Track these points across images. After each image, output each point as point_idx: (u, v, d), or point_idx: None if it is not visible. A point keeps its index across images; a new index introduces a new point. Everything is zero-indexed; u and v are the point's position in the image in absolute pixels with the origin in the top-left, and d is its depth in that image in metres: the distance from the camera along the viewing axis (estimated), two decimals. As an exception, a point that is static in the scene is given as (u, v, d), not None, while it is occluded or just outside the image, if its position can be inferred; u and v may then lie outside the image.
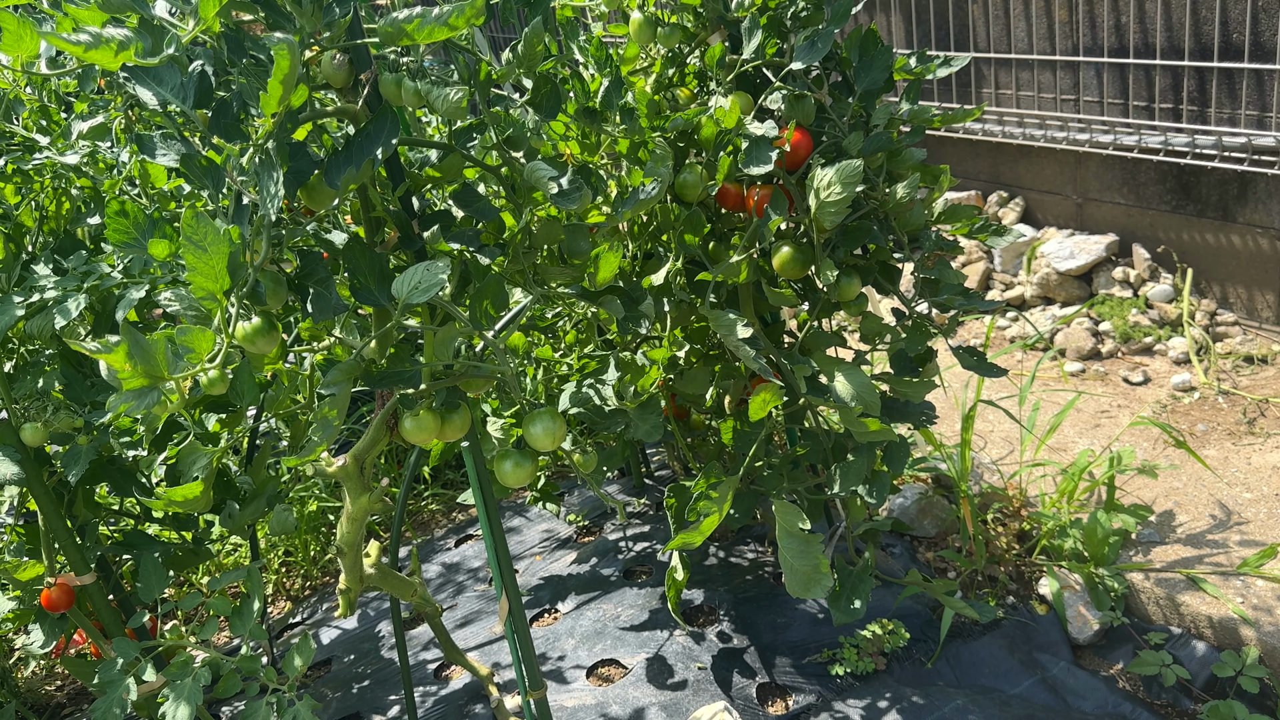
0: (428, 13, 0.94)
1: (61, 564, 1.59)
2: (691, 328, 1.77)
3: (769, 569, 2.18)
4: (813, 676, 1.86)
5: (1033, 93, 3.27)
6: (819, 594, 1.44)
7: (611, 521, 2.53)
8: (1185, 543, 2.08)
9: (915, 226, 1.55)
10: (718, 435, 2.01)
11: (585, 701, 1.82)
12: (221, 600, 1.47)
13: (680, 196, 1.51)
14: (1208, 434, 2.48)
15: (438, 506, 2.90)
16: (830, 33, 1.41)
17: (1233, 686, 1.76)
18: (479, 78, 1.17)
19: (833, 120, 1.49)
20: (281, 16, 0.98)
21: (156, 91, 0.96)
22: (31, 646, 1.60)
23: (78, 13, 0.91)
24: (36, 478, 1.49)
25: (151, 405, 0.88)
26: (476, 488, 1.37)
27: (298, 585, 2.63)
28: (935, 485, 2.43)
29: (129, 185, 1.60)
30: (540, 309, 1.84)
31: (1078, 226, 3.37)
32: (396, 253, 1.19)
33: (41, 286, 1.34)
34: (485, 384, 1.19)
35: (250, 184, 0.94)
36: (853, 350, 1.73)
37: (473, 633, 2.17)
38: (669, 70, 1.60)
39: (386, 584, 1.45)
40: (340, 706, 2.01)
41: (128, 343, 0.84)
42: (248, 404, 1.46)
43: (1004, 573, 2.11)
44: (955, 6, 3.39)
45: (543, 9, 1.24)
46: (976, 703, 1.73)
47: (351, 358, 1.06)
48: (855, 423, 1.41)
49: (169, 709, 1.36)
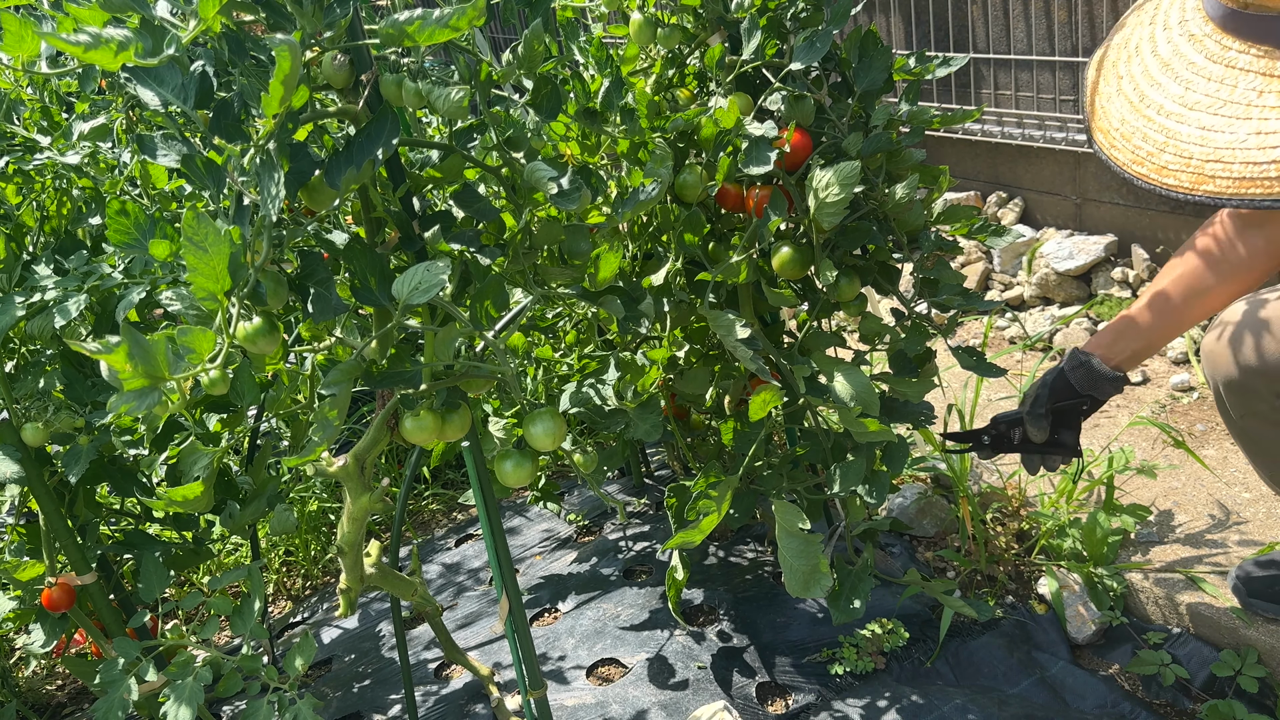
0: (429, 14, 0.94)
1: (62, 564, 1.59)
2: (691, 328, 1.77)
3: (769, 568, 2.19)
4: (812, 676, 1.86)
5: (1032, 93, 3.27)
6: (818, 593, 1.44)
7: (611, 521, 2.54)
8: (1184, 542, 2.08)
9: (914, 227, 1.55)
10: (718, 435, 2.01)
11: (585, 701, 1.83)
12: (222, 600, 1.47)
13: (680, 197, 1.51)
14: (1207, 434, 2.48)
15: (438, 506, 2.90)
16: (829, 33, 1.41)
17: (1232, 686, 1.76)
18: (480, 78, 1.17)
19: (832, 121, 1.49)
20: (282, 17, 0.99)
21: (157, 92, 0.97)
22: (32, 646, 1.60)
23: (78, 12, 0.91)
24: (37, 477, 1.49)
25: (152, 405, 0.88)
26: (477, 487, 1.37)
27: (298, 585, 2.64)
28: (934, 485, 2.43)
29: (130, 185, 1.60)
30: (540, 309, 1.85)
31: (1077, 227, 3.37)
32: (397, 253, 1.19)
33: (42, 287, 1.35)
34: (486, 384, 1.19)
35: (251, 184, 0.94)
36: (852, 350, 1.73)
37: (473, 632, 2.17)
38: (669, 71, 1.60)
39: (387, 583, 1.45)
40: (341, 705, 2.02)
41: (128, 343, 0.84)
42: (248, 404, 1.46)
43: (1003, 572, 2.12)
44: (954, 7, 3.40)
45: (543, 10, 1.25)
46: (975, 702, 1.74)
47: (352, 358, 1.06)
48: (854, 423, 1.42)
49: (170, 708, 1.36)
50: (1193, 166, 1.03)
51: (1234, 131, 1.00)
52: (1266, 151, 0.97)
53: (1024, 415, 1.64)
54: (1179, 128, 1.06)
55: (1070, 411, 1.63)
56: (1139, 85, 1.14)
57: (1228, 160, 1.00)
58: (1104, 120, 1.17)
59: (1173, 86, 1.08)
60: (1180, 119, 1.06)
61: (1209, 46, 1.06)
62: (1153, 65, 1.13)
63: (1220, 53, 1.04)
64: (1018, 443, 1.68)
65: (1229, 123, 1.01)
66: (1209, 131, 1.02)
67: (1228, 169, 1.00)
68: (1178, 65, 1.09)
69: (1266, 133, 0.98)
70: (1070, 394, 1.60)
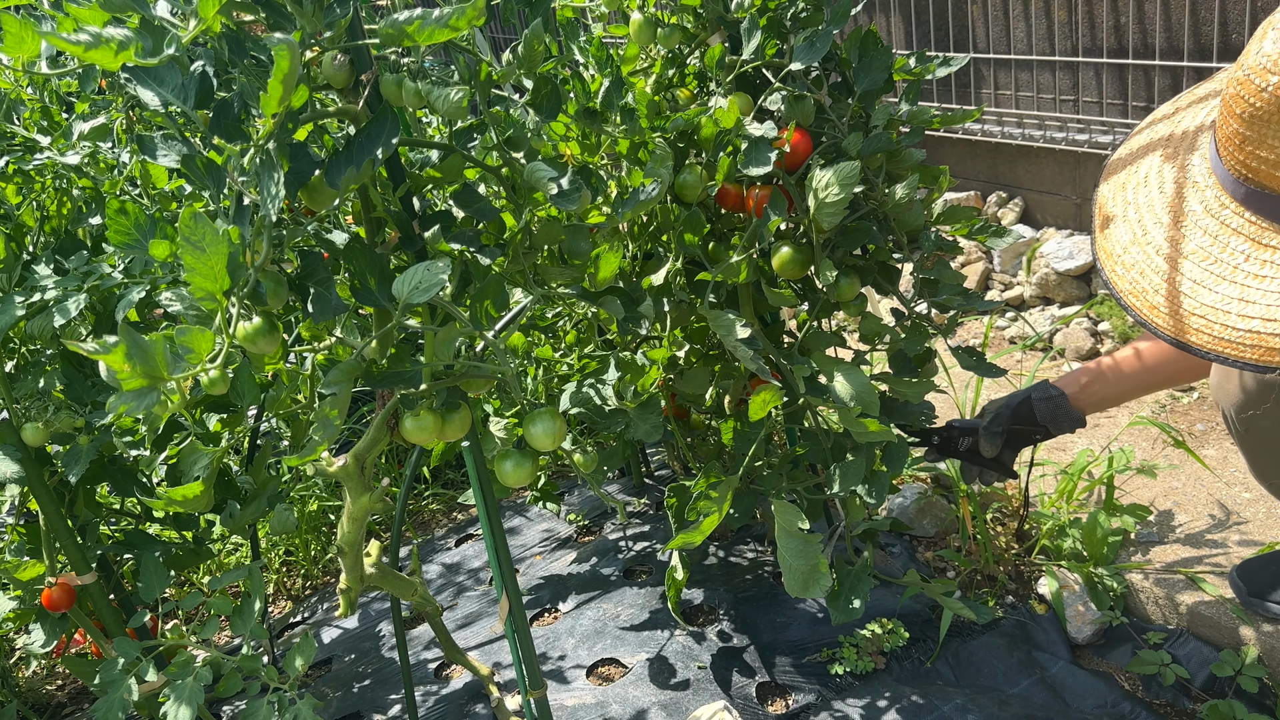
0: (429, 14, 0.94)
1: (62, 564, 1.59)
2: (691, 328, 1.77)
3: (769, 568, 2.19)
4: (812, 676, 1.86)
5: (1032, 93, 3.27)
6: (817, 593, 1.44)
7: (611, 521, 2.54)
8: (1184, 542, 2.08)
9: (914, 227, 1.55)
10: (718, 435, 2.01)
11: (585, 701, 1.83)
12: (222, 600, 1.47)
13: (680, 197, 1.51)
14: (1206, 434, 2.48)
15: (438, 506, 2.90)
16: (829, 33, 1.41)
17: (1232, 686, 1.76)
18: (479, 78, 1.17)
19: (832, 121, 1.49)
20: (282, 17, 0.99)
21: (157, 92, 0.97)
22: (32, 646, 1.60)
23: (78, 12, 0.91)
24: (37, 477, 1.49)
25: (151, 405, 0.88)
26: (477, 487, 1.37)
27: (299, 585, 2.64)
28: (934, 485, 2.43)
29: (130, 185, 1.60)
30: (540, 309, 1.85)
31: (1077, 227, 3.37)
32: (397, 253, 1.19)
33: (42, 287, 1.35)
34: (486, 384, 1.19)
35: (251, 184, 0.94)
36: (852, 350, 1.73)
37: (473, 632, 2.17)
38: (669, 71, 1.60)
39: (387, 583, 1.45)
40: (341, 705, 2.02)
41: (127, 343, 0.84)
42: (248, 404, 1.46)
43: (1003, 572, 2.12)
44: (955, 7, 3.40)
45: (543, 10, 1.24)
46: (975, 702, 1.74)
47: (352, 358, 1.06)
48: (854, 423, 1.42)
49: (170, 708, 1.36)
50: (1180, 315, 1.06)
51: (1218, 291, 1.03)
52: (1246, 320, 1.00)
53: (980, 429, 1.68)
54: (1172, 274, 1.09)
55: (1022, 436, 1.68)
56: (1143, 218, 1.15)
57: (1210, 319, 1.03)
58: (1108, 244, 1.20)
59: (1171, 230, 1.11)
60: (1174, 265, 1.09)
61: (1207, 197, 1.08)
62: (1157, 201, 1.15)
63: (1217, 209, 1.06)
64: (963, 450, 1.72)
65: (1216, 280, 1.03)
66: (1197, 285, 1.05)
67: (1209, 327, 1.03)
68: (1178, 207, 1.12)
69: (1246, 300, 1.00)
70: (1030, 421, 1.65)
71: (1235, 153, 1.01)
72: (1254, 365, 0.99)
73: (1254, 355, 0.98)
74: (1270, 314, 0.98)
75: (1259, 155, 0.98)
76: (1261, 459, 1.69)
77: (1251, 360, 0.99)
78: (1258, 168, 0.99)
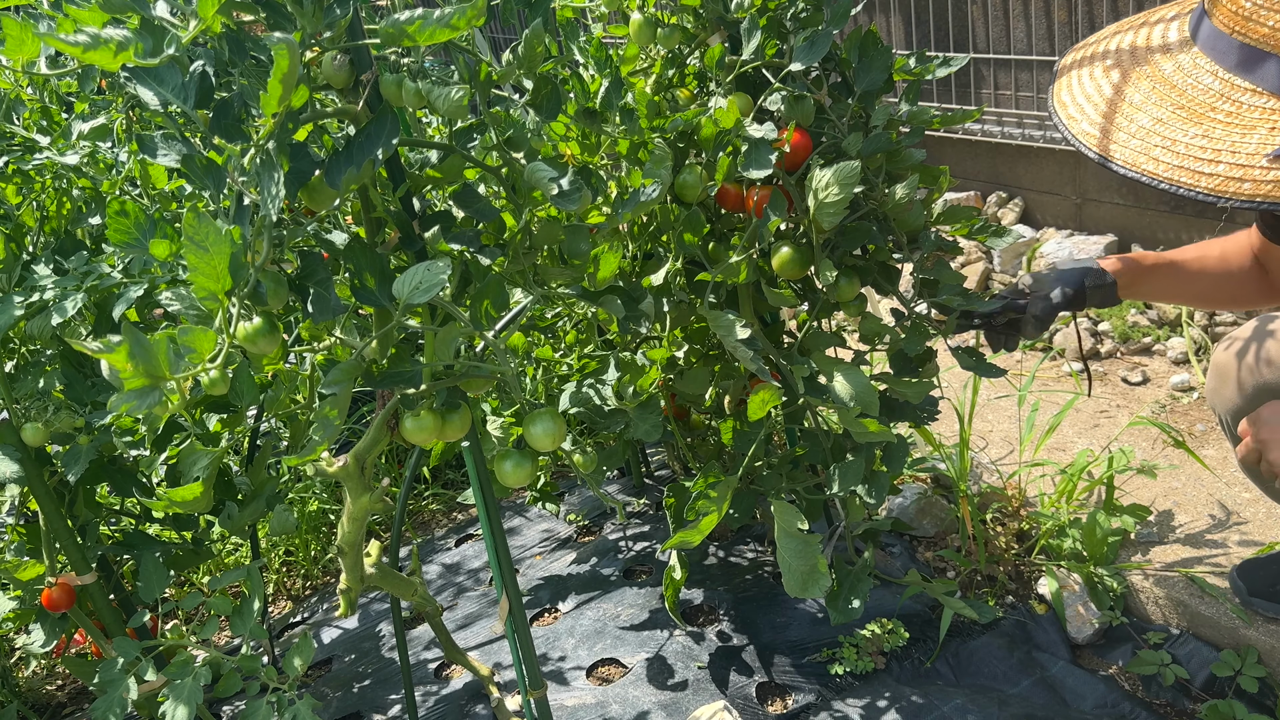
0: (429, 14, 0.94)
1: (62, 564, 1.59)
2: (691, 328, 1.77)
3: (768, 569, 2.19)
4: (812, 676, 1.86)
5: (1032, 93, 3.27)
6: (817, 594, 1.44)
7: (611, 521, 2.54)
8: (1184, 542, 2.08)
9: (914, 227, 1.55)
10: (717, 435, 2.01)
11: (585, 701, 1.83)
12: (222, 600, 1.48)
13: (680, 197, 1.51)
14: (1206, 434, 2.48)
15: (438, 506, 2.90)
16: (829, 33, 1.41)
17: (1232, 686, 1.77)
18: (480, 78, 1.17)
19: (832, 121, 1.49)
20: (282, 17, 0.99)
21: (157, 92, 0.97)
22: (32, 646, 1.60)
23: (78, 13, 0.91)
24: (37, 477, 1.49)
25: (153, 405, 0.88)
26: (476, 488, 1.37)
27: (298, 585, 2.64)
28: (935, 485, 2.43)
29: (130, 185, 1.60)
30: (540, 309, 1.85)
31: (1077, 227, 3.37)
32: (397, 253, 1.20)
33: (42, 287, 1.35)
34: (485, 384, 1.19)
35: (251, 184, 0.94)
36: (852, 350, 1.73)
37: (473, 632, 2.17)
38: (669, 71, 1.60)
39: (387, 584, 1.45)
40: (341, 706, 2.02)
41: (129, 342, 0.84)
42: (248, 404, 1.46)
43: (1003, 572, 2.12)
44: (954, 7, 3.40)
45: (543, 10, 1.24)
46: (975, 702, 1.74)
47: (352, 358, 1.06)
48: (854, 423, 1.42)
49: (169, 708, 1.36)
50: (1142, 148, 1.14)
51: (1183, 128, 1.12)
52: (1208, 151, 1.09)
53: (1032, 314, 1.63)
54: (1137, 114, 1.18)
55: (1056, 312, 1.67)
56: (1110, 73, 1.25)
57: (1177, 151, 1.11)
58: (1066, 94, 1.29)
59: (1143, 82, 1.20)
60: (1140, 108, 1.18)
61: (1180, 58, 1.17)
62: (1125, 59, 1.25)
63: (1191, 66, 1.16)
64: (1000, 326, 1.69)
65: (1181, 119, 1.13)
66: (1160, 123, 1.14)
67: (1175, 158, 1.11)
68: (1150, 68, 1.21)
69: (1210, 137, 1.10)
70: (1079, 304, 1.64)
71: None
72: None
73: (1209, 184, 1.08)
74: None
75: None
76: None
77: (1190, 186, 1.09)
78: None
